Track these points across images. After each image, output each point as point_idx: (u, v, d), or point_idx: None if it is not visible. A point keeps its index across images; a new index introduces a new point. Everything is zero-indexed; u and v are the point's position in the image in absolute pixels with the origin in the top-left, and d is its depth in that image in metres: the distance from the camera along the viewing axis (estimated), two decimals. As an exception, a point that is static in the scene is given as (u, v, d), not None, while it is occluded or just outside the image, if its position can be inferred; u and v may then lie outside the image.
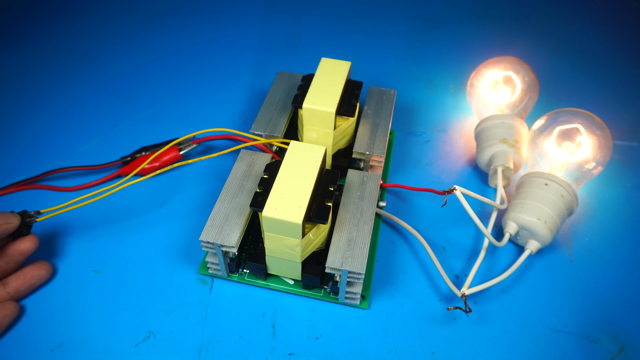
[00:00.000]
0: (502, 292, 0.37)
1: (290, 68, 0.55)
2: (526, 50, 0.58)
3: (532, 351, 0.34)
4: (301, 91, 0.41)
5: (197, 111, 0.50)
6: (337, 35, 0.60)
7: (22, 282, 0.35)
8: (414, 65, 0.56)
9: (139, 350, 0.34)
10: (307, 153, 0.35)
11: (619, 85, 0.55)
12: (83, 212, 0.41)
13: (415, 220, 0.41)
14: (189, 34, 0.60)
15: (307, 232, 0.33)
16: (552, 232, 0.37)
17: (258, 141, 0.41)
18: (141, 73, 0.54)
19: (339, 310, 0.36)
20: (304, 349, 0.34)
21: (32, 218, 0.35)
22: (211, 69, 0.55)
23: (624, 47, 0.60)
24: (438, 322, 0.35)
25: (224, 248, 0.34)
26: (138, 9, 0.63)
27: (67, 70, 0.54)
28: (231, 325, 0.35)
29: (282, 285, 0.37)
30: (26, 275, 0.35)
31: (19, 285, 0.35)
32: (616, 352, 0.34)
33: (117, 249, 0.39)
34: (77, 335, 0.34)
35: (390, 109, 0.44)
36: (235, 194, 0.36)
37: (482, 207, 0.43)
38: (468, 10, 0.65)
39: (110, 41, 0.58)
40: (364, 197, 0.37)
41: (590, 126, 0.41)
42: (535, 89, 0.46)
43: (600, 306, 0.37)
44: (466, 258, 0.39)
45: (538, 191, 0.38)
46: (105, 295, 0.36)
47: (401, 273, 0.38)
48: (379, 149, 0.40)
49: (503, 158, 0.42)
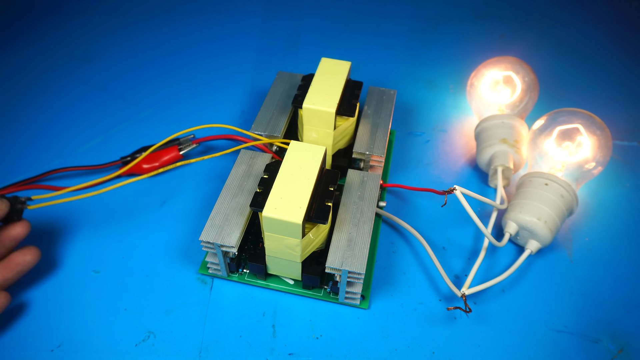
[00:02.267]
0: (502, 292, 0.37)
1: (290, 68, 0.55)
2: (526, 50, 0.58)
3: (532, 351, 0.34)
4: (301, 91, 0.41)
5: (197, 111, 0.50)
6: (337, 35, 0.60)
7: (8, 270, 0.34)
8: (414, 65, 0.57)
9: (139, 350, 0.34)
10: (307, 153, 0.35)
11: (619, 85, 0.55)
12: (83, 212, 0.41)
13: (415, 220, 0.41)
14: (189, 34, 0.60)
15: (307, 232, 0.33)
16: (552, 232, 0.37)
17: (260, 141, 0.40)
18: (141, 73, 0.54)
19: (339, 310, 0.36)
20: (304, 349, 0.34)
21: (23, 205, 0.35)
22: (211, 69, 0.55)
23: (624, 47, 0.60)
24: (438, 322, 0.35)
25: (224, 248, 0.34)
26: (138, 9, 0.63)
27: (67, 70, 0.54)
28: (231, 325, 0.35)
29: (282, 285, 0.37)
30: (12, 263, 0.34)
31: (6, 273, 0.34)
32: (616, 352, 0.34)
33: (117, 249, 0.39)
34: (77, 335, 0.34)
35: (390, 109, 0.44)
36: (235, 194, 0.36)
37: (482, 207, 0.43)
38: (468, 10, 0.65)
39: (110, 41, 0.58)
40: (364, 197, 0.37)
41: (590, 126, 0.41)
42: (535, 89, 0.46)
43: (600, 306, 0.37)
44: (466, 258, 0.39)
45: (538, 191, 0.38)
46: (105, 295, 0.36)
47: (401, 273, 0.38)
48: (379, 149, 0.40)
49: (503, 158, 0.42)
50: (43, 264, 0.38)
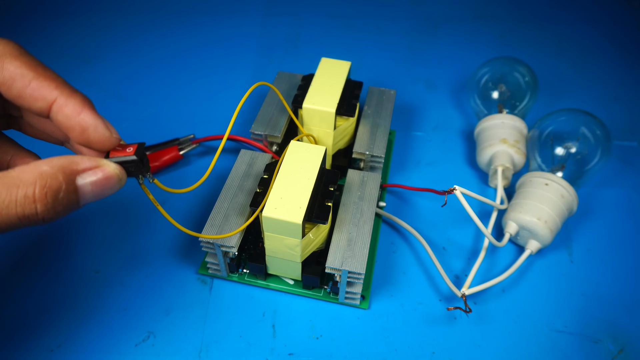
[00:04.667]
0: (502, 292, 0.37)
1: (290, 68, 0.55)
2: (526, 50, 0.59)
3: (532, 351, 0.34)
4: (301, 91, 0.41)
5: (197, 111, 0.50)
6: (337, 35, 0.60)
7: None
8: (414, 65, 0.57)
9: (139, 350, 0.34)
10: (307, 153, 0.35)
11: (619, 85, 0.55)
12: (83, 211, 0.41)
13: (415, 220, 0.41)
14: (189, 33, 0.60)
15: (307, 232, 0.33)
16: (552, 232, 0.37)
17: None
18: (141, 73, 0.54)
19: (339, 310, 0.36)
20: (304, 349, 0.34)
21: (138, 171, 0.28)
22: (211, 68, 0.55)
23: (624, 47, 0.60)
24: (438, 322, 0.35)
25: (224, 248, 0.34)
26: (138, 9, 0.63)
27: (67, 70, 0.54)
28: (231, 325, 0.35)
29: (282, 285, 0.37)
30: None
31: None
32: (616, 352, 0.34)
33: (117, 249, 0.39)
34: (77, 335, 0.34)
35: (390, 109, 0.44)
36: (235, 194, 0.36)
37: (482, 207, 0.43)
38: (468, 10, 0.65)
39: (110, 41, 0.58)
40: (364, 197, 0.37)
41: (590, 126, 0.41)
42: (535, 89, 0.46)
43: (601, 306, 0.37)
44: (466, 258, 0.39)
45: (538, 191, 0.38)
46: (105, 295, 0.36)
47: (401, 273, 0.38)
48: (379, 149, 0.40)
49: (503, 158, 0.42)
50: (43, 263, 0.38)
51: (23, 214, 0.23)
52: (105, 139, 0.27)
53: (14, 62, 0.26)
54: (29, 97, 0.26)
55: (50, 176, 0.24)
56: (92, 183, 0.25)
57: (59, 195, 0.24)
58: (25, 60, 0.26)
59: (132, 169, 0.27)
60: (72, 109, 0.26)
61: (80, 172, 0.25)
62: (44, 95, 0.26)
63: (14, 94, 0.26)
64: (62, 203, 0.25)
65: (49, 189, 0.24)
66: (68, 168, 0.25)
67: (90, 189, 0.25)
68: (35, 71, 0.26)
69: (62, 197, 0.24)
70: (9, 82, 0.26)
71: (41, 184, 0.24)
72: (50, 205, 0.24)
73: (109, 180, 0.26)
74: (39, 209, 0.24)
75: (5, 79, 0.26)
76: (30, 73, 0.26)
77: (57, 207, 0.24)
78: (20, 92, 0.26)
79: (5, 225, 0.23)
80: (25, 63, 0.26)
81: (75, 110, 0.26)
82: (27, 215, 0.24)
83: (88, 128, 0.26)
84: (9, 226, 0.24)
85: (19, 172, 0.24)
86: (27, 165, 0.24)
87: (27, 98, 0.26)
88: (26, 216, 0.24)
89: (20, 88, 0.26)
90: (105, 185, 0.26)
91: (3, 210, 0.23)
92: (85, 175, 0.25)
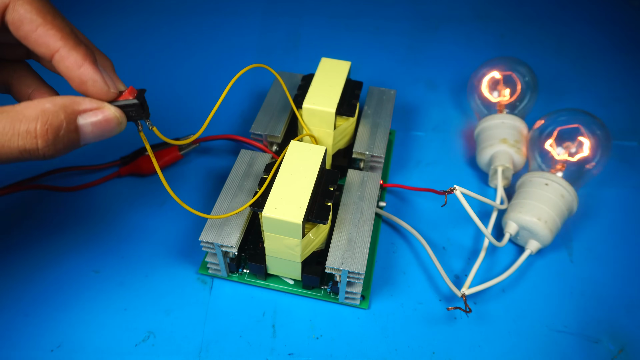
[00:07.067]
0: (502, 292, 0.37)
1: (290, 68, 0.55)
2: (526, 50, 0.58)
3: (532, 351, 0.34)
4: (301, 91, 0.41)
5: (197, 111, 0.50)
6: (337, 35, 0.60)
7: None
8: (414, 65, 0.56)
9: (139, 350, 0.34)
10: (307, 153, 0.35)
11: (619, 85, 0.55)
12: (83, 211, 0.41)
13: (415, 220, 0.41)
14: (189, 34, 0.60)
15: (307, 232, 0.33)
16: (552, 232, 0.37)
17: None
18: (141, 73, 0.54)
19: (339, 310, 0.36)
20: (304, 349, 0.34)
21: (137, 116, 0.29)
22: (211, 68, 0.55)
23: (624, 47, 0.60)
24: (438, 322, 0.35)
25: (224, 248, 0.34)
26: (138, 9, 0.63)
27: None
28: (231, 325, 0.35)
29: (282, 285, 0.37)
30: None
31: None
32: (616, 352, 0.34)
33: (117, 249, 0.39)
34: (77, 335, 0.34)
35: (390, 109, 0.44)
36: (235, 194, 0.36)
37: (482, 207, 0.43)
38: (468, 10, 0.65)
39: (110, 41, 0.58)
40: (364, 197, 0.37)
41: (590, 126, 0.41)
42: (535, 89, 0.46)
43: (601, 306, 0.37)
44: (466, 258, 0.39)
45: (538, 191, 0.38)
46: (105, 295, 0.36)
47: (401, 273, 0.38)
48: (379, 149, 0.40)
49: (503, 158, 0.42)
50: (43, 263, 0.38)
51: (24, 148, 0.25)
52: (103, 93, 0.27)
53: (25, 5, 0.26)
54: (34, 42, 0.26)
55: (52, 114, 0.25)
56: (92, 124, 0.27)
57: (59, 132, 0.25)
58: (37, 6, 0.26)
59: (132, 113, 0.28)
60: (73, 61, 0.27)
61: (81, 112, 0.26)
62: (48, 43, 0.26)
63: (20, 34, 0.26)
64: (63, 141, 0.26)
65: (50, 126, 0.25)
66: (70, 107, 0.26)
67: (91, 129, 0.27)
68: (44, 18, 0.26)
69: (63, 135, 0.25)
70: (17, 24, 0.26)
71: (43, 121, 0.25)
72: (50, 141, 0.25)
73: (109, 122, 0.27)
74: (40, 144, 0.25)
75: (14, 20, 0.26)
76: (39, 19, 0.26)
77: (58, 145, 0.26)
78: (27, 35, 0.26)
79: (7, 157, 0.25)
80: (36, 8, 0.26)
81: (76, 63, 0.27)
82: (28, 149, 0.25)
83: (87, 82, 0.27)
84: (10, 158, 0.25)
85: (23, 107, 0.25)
86: (31, 102, 0.25)
87: (31, 42, 0.26)
88: (27, 150, 0.25)
89: (27, 31, 0.26)
90: (106, 127, 0.27)
91: (5, 142, 0.24)
92: (86, 116, 0.26)
